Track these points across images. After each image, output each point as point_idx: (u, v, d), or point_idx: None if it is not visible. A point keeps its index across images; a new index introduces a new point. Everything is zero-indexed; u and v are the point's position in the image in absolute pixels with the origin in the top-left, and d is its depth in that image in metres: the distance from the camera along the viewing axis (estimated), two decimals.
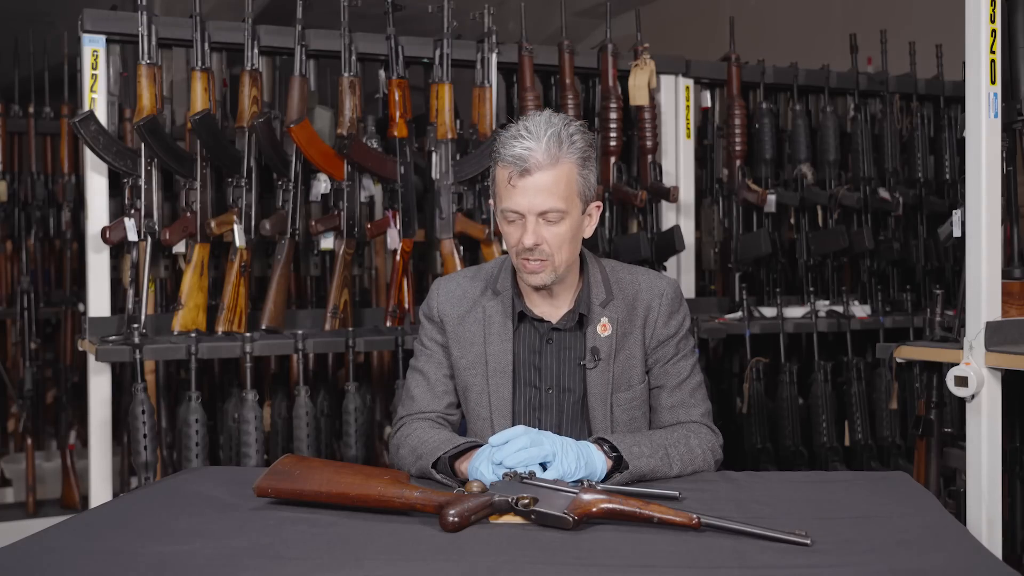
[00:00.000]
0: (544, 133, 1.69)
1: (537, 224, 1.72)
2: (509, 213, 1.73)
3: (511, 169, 1.70)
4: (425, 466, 1.68)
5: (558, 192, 1.71)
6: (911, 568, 1.27)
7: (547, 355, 1.86)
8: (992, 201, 2.24)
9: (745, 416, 3.25)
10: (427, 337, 1.93)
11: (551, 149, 1.69)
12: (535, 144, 1.69)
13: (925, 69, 3.77)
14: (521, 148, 1.69)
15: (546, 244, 1.73)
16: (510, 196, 1.71)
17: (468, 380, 1.88)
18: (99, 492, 2.73)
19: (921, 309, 3.36)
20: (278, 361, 3.19)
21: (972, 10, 2.24)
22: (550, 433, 1.65)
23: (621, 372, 1.85)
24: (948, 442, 2.52)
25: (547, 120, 1.72)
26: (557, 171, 1.70)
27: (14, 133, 4.30)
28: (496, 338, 1.85)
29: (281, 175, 2.79)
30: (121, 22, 2.72)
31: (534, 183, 1.69)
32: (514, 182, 1.70)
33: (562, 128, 1.72)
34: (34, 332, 4.18)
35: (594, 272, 1.88)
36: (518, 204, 1.71)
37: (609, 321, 1.84)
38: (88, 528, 1.49)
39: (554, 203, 1.71)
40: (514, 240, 1.75)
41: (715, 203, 3.53)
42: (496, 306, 1.86)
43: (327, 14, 2.80)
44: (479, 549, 1.34)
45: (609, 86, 3.13)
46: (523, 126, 1.72)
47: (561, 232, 1.73)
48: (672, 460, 1.73)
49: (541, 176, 1.69)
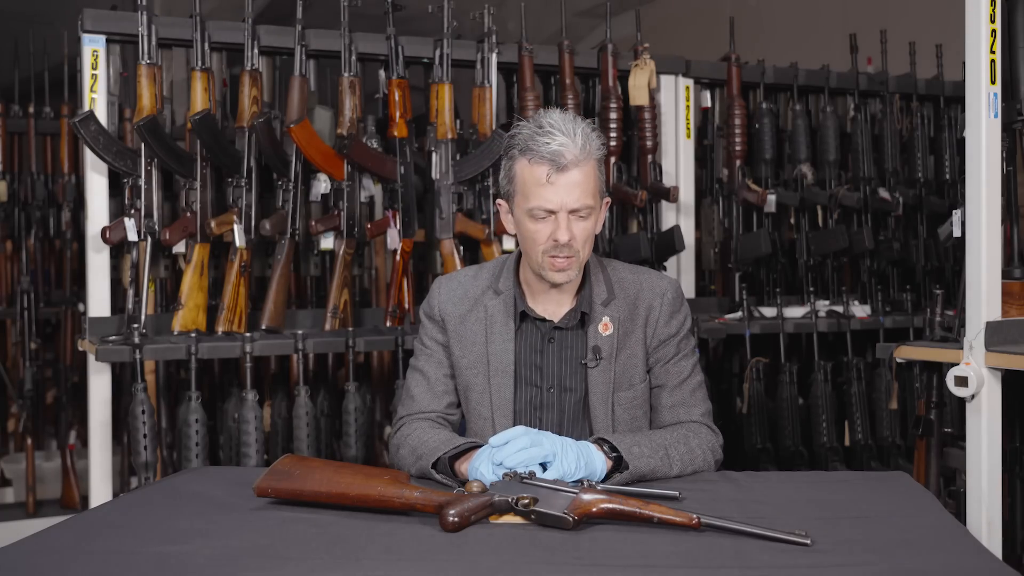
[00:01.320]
0: (575, 130, 1.72)
1: (569, 220, 1.74)
2: (539, 211, 1.74)
3: (547, 166, 1.71)
4: (425, 466, 1.68)
5: (589, 188, 1.74)
6: (911, 568, 1.27)
7: (549, 354, 1.87)
8: (992, 201, 2.24)
9: (745, 416, 3.25)
10: (427, 336, 1.93)
11: (583, 145, 1.72)
12: (569, 141, 1.71)
13: (925, 69, 3.77)
14: (557, 144, 1.70)
15: (576, 240, 1.75)
16: (542, 193, 1.73)
17: (469, 379, 1.88)
18: (99, 492, 2.73)
19: (921, 309, 3.36)
20: (278, 361, 3.19)
21: (972, 10, 2.23)
22: (550, 433, 1.65)
23: (622, 371, 1.85)
24: (948, 442, 2.52)
25: (571, 118, 1.75)
26: (587, 168, 1.74)
27: (14, 133, 4.30)
28: (498, 337, 1.85)
29: (281, 175, 2.79)
30: (121, 22, 2.72)
31: (569, 179, 1.72)
32: (552, 179, 1.71)
33: (585, 125, 1.75)
34: (34, 332, 4.18)
35: (596, 271, 1.89)
36: (551, 201, 1.73)
37: (611, 320, 1.85)
38: (88, 528, 1.49)
39: (586, 199, 1.74)
40: (543, 237, 1.75)
41: (715, 203, 3.52)
42: (498, 305, 1.87)
43: (327, 14, 2.80)
44: (479, 549, 1.34)
45: (609, 86, 3.13)
46: (548, 123, 1.73)
47: (589, 228, 1.77)
48: (672, 460, 1.73)
49: (576, 172, 1.72)
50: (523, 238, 1.81)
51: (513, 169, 1.78)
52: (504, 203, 1.85)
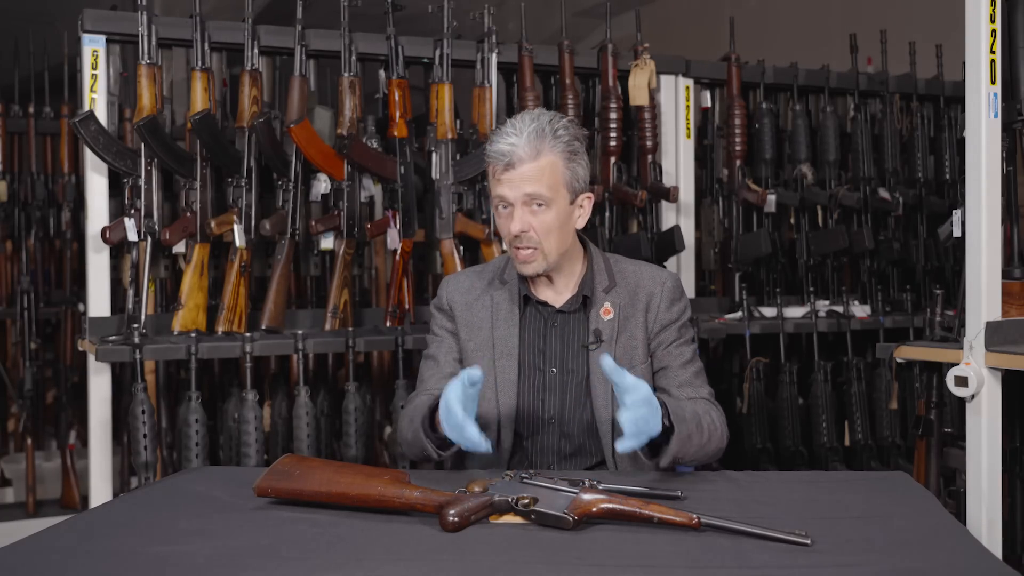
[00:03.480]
0: (526, 129, 1.81)
1: (523, 212, 1.83)
2: (499, 202, 1.85)
3: (496, 164, 1.82)
4: (417, 427, 1.75)
5: (542, 181, 1.82)
6: (911, 568, 1.27)
7: (551, 338, 1.94)
8: (992, 201, 2.24)
9: (745, 416, 3.25)
10: (437, 326, 2.02)
11: (532, 144, 1.80)
12: (517, 139, 1.81)
13: (925, 69, 3.77)
14: (505, 144, 1.81)
15: (534, 231, 1.84)
16: (497, 187, 1.85)
17: (475, 362, 1.93)
18: (99, 492, 2.73)
19: (921, 309, 3.36)
20: (278, 361, 3.19)
21: (972, 10, 2.24)
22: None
23: (623, 353, 1.91)
24: (948, 442, 2.52)
25: (534, 117, 1.84)
26: (540, 163, 1.81)
27: (14, 133, 4.30)
28: (503, 323, 1.94)
29: (281, 175, 2.79)
30: (121, 22, 2.72)
31: (518, 175, 1.82)
32: (499, 176, 1.83)
33: (547, 124, 1.83)
34: (34, 332, 4.18)
35: (597, 261, 1.97)
36: (504, 193, 1.83)
37: (611, 305, 1.93)
38: (88, 528, 1.49)
39: (537, 189, 1.81)
40: (506, 229, 1.86)
41: (715, 203, 3.52)
42: (503, 294, 1.96)
43: (327, 14, 2.80)
44: (479, 549, 1.34)
45: (609, 86, 3.13)
46: (510, 123, 1.85)
47: (548, 220, 1.84)
48: (703, 427, 1.79)
49: (523, 168, 1.81)
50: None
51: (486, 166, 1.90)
52: None
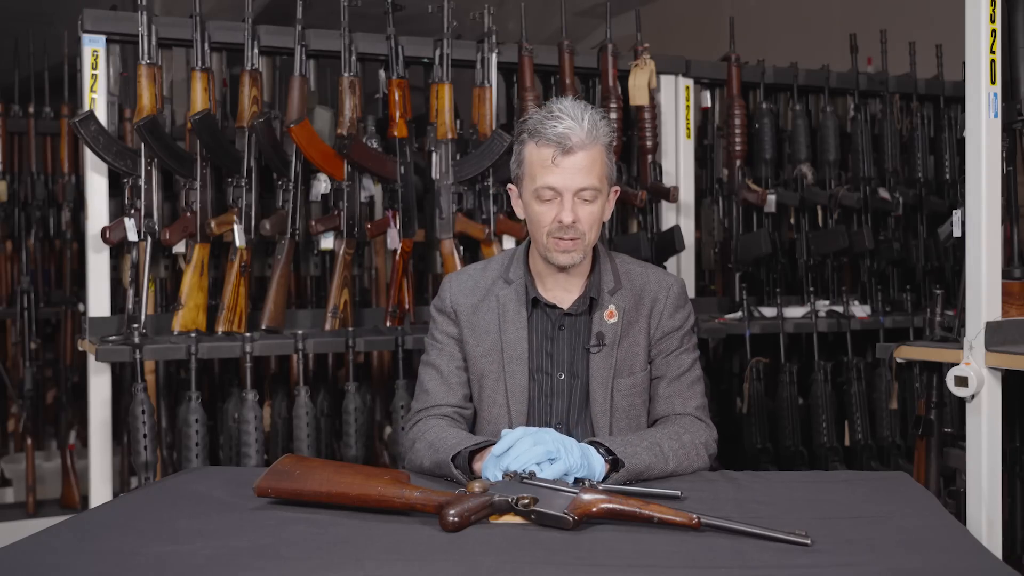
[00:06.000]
0: (583, 115, 1.77)
1: (575, 202, 1.78)
2: (546, 191, 1.79)
3: (553, 148, 1.77)
4: (444, 459, 1.69)
5: (595, 171, 1.79)
6: (911, 568, 1.27)
7: (559, 341, 1.90)
8: (992, 201, 2.24)
9: (745, 416, 3.25)
10: (439, 331, 1.95)
11: (590, 130, 1.77)
12: (576, 125, 1.76)
13: (925, 69, 3.77)
14: (563, 127, 1.76)
15: (580, 222, 1.79)
16: (549, 174, 1.78)
17: (484, 367, 1.90)
18: (99, 492, 2.73)
19: (921, 309, 3.36)
20: (278, 361, 3.19)
21: (972, 10, 2.23)
22: (550, 430, 1.66)
23: (624, 358, 1.88)
24: (948, 442, 2.52)
25: (582, 106, 1.80)
26: (594, 152, 1.78)
27: (14, 133, 4.30)
28: (511, 325, 1.89)
29: (281, 175, 2.79)
30: (121, 22, 2.72)
31: (575, 162, 1.77)
32: (557, 161, 1.77)
33: (594, 111, 1.80)
34: (34, 332, 4.18)
35: (605, 261, 1.93)
36: (557, 182, 1.78)
37: (616, 308, 1.89)
38: (88, 528, 1.49)
39: (591, 181, 1.78)
40: (548, 219, 1.80)
41: (715, 203, 3.52)
42: (510, 294, 1.90)
43: (327, 14, 2.79)
44: (479, 549, 1.34)
45: (609, 86, 3.13)
46: (558, 108, 1.79)
47: (595, 211, 1.81)
48: (667, 456, 1.75)
49: (582, 155, 1.77)
50: (530, 221, 1.86)
51: (523, 152, 1.84)
52: (514, 187, 1.90)
